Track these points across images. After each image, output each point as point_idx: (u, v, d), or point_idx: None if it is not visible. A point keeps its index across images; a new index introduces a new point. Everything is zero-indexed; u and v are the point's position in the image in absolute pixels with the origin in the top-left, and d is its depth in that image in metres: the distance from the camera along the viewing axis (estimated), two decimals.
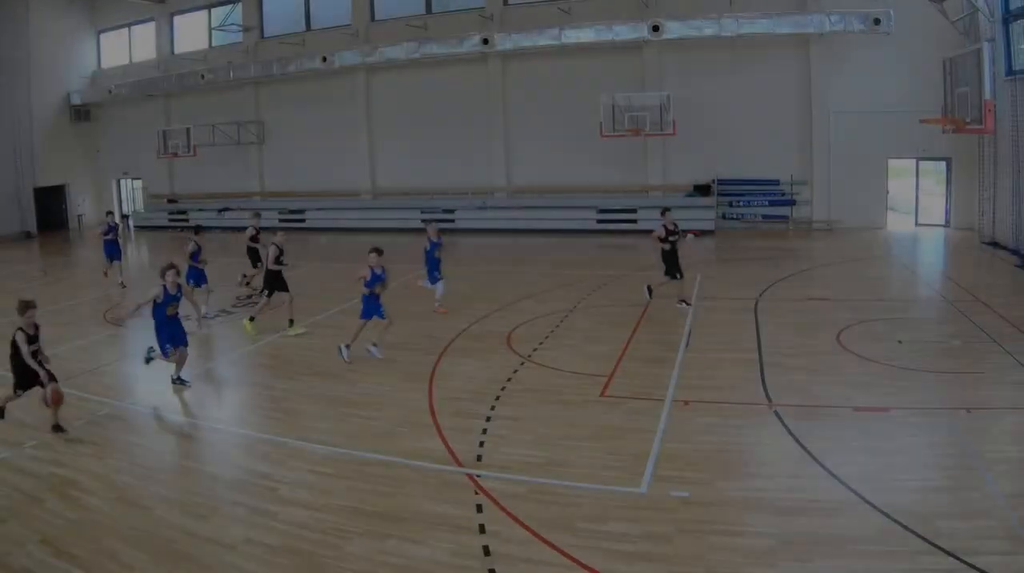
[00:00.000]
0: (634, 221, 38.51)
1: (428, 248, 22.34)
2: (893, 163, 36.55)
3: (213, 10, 50.34)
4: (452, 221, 42.07)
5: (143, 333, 19.44)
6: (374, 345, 17.69)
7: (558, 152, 40.74)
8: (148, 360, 16.15)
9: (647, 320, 20.66)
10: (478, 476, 11.42)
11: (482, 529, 9.86)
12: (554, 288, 24.92)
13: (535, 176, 42.12)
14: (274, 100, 48.53)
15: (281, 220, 45.68)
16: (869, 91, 34.67)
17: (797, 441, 12.22)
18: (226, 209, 49.10)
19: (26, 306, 13.14)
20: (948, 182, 35.70)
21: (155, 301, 15.54)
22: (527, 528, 9.82)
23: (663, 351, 17.78)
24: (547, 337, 19.35)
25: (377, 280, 17.44)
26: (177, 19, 52.07)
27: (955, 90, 29.24)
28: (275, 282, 20.85)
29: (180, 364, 16.09)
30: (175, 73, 49.55)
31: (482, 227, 41.52)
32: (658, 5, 37.48)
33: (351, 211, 45.50)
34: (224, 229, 46.36)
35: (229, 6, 49.27)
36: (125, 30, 54.42)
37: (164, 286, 15.57)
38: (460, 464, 11.92)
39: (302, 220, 46.57)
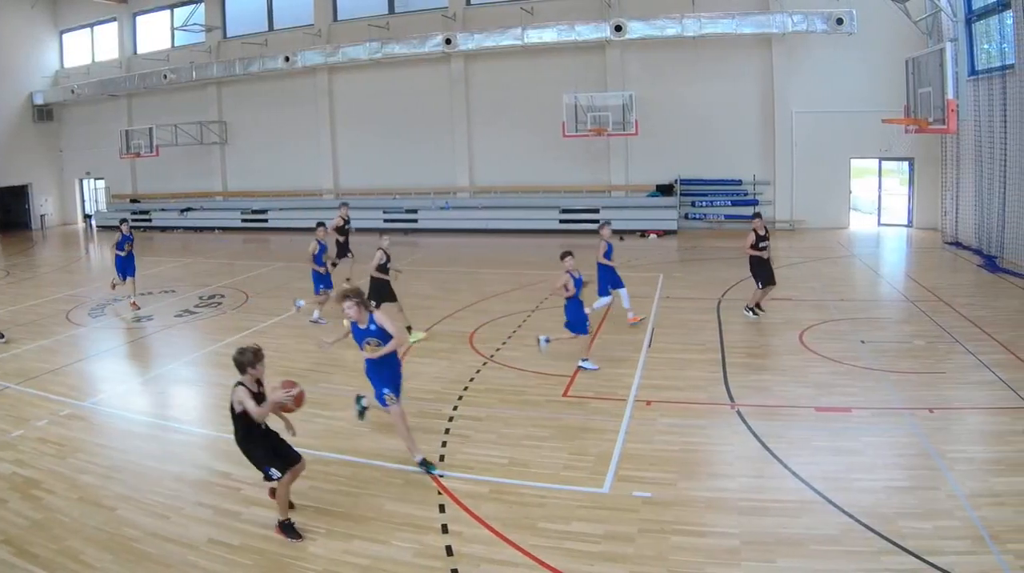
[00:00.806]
0: (596, 221, 36.58)
1: (606, 251, 19.39)
2: (856, 163, 36.28)
3: (176, 10, 49.17)
4: (415, 221, 41.82)
5: (105, 332, 20.27)
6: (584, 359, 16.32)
7: (521, 152, 40.35)
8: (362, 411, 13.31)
9: (610, 320, 20.24)
10: (441, 476, 11.28)
11: (445, 529, 9.82)
12: (517, 288, 24.53)
13: (498, 176, 41.48)
14: (237, 100, 47.61)
15: (243, 220, 45.71)
16: (832, 91, 34.36)
17: (759, 441, 12.17)
18: (188, 209, 48.31)
19: None
20: (911, 182, 35.47)
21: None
22: (490, 528, 9.78)
23: (626, 351, 17.45)
24: (510, 337, 19.08)
25: (579, 284, 15.90)
26: (140, 19, 50.90)
27: (918, 90, 28.80)
28: (382, 292, 18.56)
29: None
30: (138, 73, 48.26)
31: (445, 227, 40.95)
32: (620, 5, 37.06)
33: (313, 211, 43.60)
34: (187, 229, 46.43)
35: (192, 6, 48.00)
36: (88, 30, 53.14)
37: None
38: None
39: (265, 220, 45.82)
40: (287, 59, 42.20)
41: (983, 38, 28.78)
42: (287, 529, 9.76)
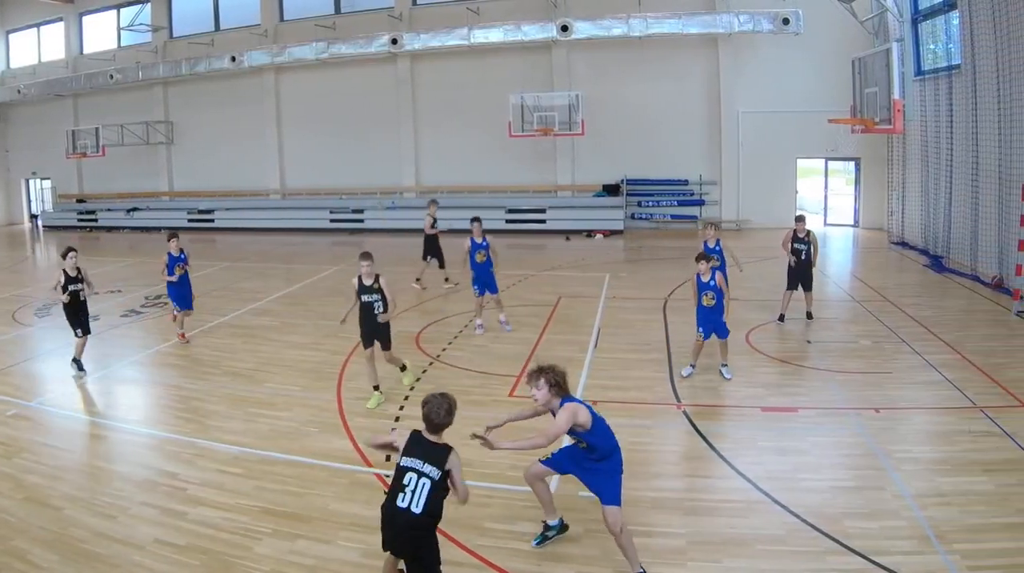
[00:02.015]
0: (543, 221, 37.24)
1: (714, 246, 17.99)
2: (802, 163, 35.80)
3: (122, 10, 47.47)
4: (361, 221, 40.81)
5: (51, 332, 19.73)
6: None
7: (467, 152, 39.39)
8: None
9: (556, 320, 19.95)
10: (387, 476, 10.77)
11: None
12: (463, 288, 23.42)
13: (444, 176, 40.45)
14: (183, 100, 46.14)
15: (190, 220, 44.31)
16: (778, 91, 33.89)
17: (706, 441, 12.07)
18: (135, 209, 46.86)
19: None
20: (857, 182, 35.17)
21: None
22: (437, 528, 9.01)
23: (572, 351, 16.94)
24: (456, 337, 18.72)
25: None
26: (86, 19, 49.08)
27: (864, 90, 28.49)
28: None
29: None
30: (84, 73, 46.39)
31: (391, 227, 39.65)
32: (567, 5, 36.13)
33: (260, 211, 43.59)
34: (133, 229, 45.19)
35: (138, 6, 46.27)
36: (34, 30, 51.23)
37: None
38: (369, 464, 11.51)
39: (211, 220, 44.47)
40: (233, 59, 40.76)
41: (929, 38, 28.43)
42: None
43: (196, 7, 45.57)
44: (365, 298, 13.93)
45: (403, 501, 7.28)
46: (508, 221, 37.91)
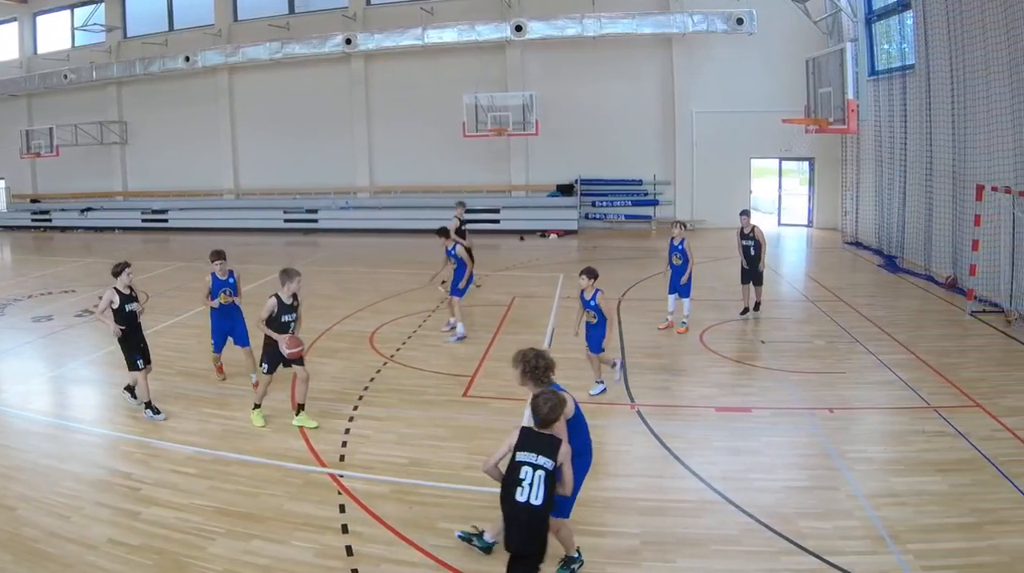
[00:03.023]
0: (497, 221, 36.31)
1: (678, 244, 17.67)
2: (756, 163, 35.32)
3: (76, 10, 46.07)
4: (315, 221, 39.94)
5: (4, 332, 19.30)
6: None
7: (422, 152, 38.48)
8: None
9: (510, 321, 19.69)
10: (341, 476, 10.93)
11: (345, 529, 9.49)
12: (417, 288, 23.30)
13: (399, 175, 39.58)
14: (137, 100, 44.70)
15: (144, 220, 43.32)
16: (732, 91, 33.36)
17: (659, 441, 11.90)
18: (88, 209, 45.55)
19: None
20: (811, 182, 34.79)
21: None
22: (390, 528, 9.48)
23: None
24: (409, 337, 18.33)
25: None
26: (40, 19, 47.57)
27: (818, 90, 28.19)
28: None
29: None
30: (38, 73, 45.00)
31: (345, 227, 38.98)
32: (521, 5, 35.38)
33: (214, 211, 42.48)
34: (87, 229, 44.05)
35: (92, 6, 44.86)
36: None
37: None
38: (323, 464, 11.35)
39: (165, 220, 43.34)
40: (187, 59, 39.74)
41: (883, 38, 28.03)
42: None
43: (150, 7, 44.35)
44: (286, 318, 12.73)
45: (522, 495, 7.27)
46: (463, 221, 36.81)
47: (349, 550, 9.00)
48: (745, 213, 19.05)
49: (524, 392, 12.69)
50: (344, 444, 12.07)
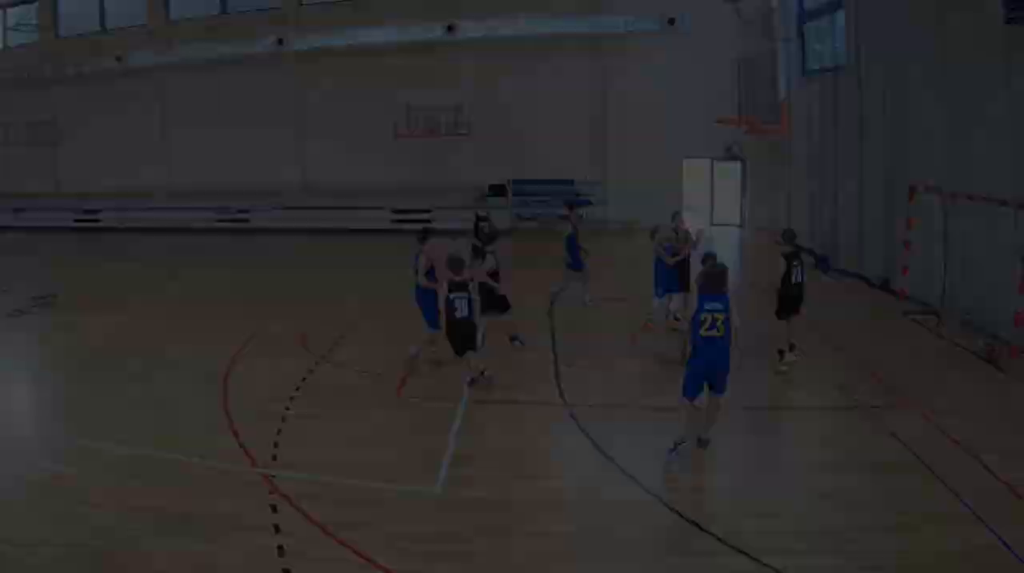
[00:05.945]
0: (429, 221, 34.69)
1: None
2: (689, 163, 34.24)
3: (9, 10, 44.06)
4: (247, 221, 38.62)
5: None
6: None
7: (354, 152, 36.95)
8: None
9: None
10: (273, 476, 10.68)
11: (277, 529, 9.24)
12: (349, 288, 23.37)
13: (331, 175, 38.01)
14: (69, 100, 42.39)
15: (76, 220, 41.71)
16: (664, 92, 32.04)
17: (592, 441, 11.72)
18: (21, 209, 43.71)
19: None
20: (744, 183, 33.97)
21: None
22: (322, 528, 9.21)
23: None
24: (342, 337, 17.88)
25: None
26: None
27: (751, 91, 27.51)
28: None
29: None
30: None
31: (277, 227, 37.97)
32: (454, 6, 33.88)
33: (146, 211, 41.09)
34: (19, 229, 42.34)
35: (24, 6, 43.31)
36: None
37: None
38: (255, 464, 11.14)
39: (98, 221, 41.77)
40: (118, 59, 38.24)
41: (815, 39, 27.10)
42: None
43: (82, 7, 42.35)
44: None
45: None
46: (393, 221, 36.49)
47: (281, 550, 8.74)
48: (678, 214, 18.54)
49: (455, 393, 13.76)
50: (276, 444, 11.77)
